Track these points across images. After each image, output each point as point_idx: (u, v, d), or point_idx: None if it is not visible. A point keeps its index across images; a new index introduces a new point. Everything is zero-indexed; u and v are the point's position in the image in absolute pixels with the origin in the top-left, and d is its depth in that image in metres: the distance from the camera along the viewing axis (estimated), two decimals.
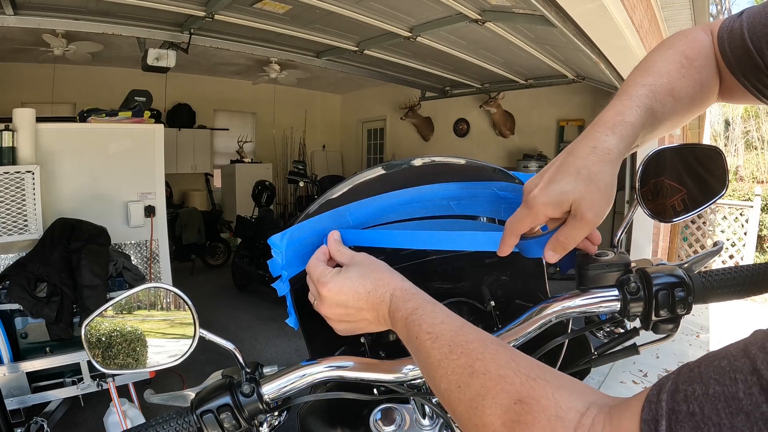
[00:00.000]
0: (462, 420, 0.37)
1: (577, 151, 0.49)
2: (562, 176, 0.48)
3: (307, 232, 0.62)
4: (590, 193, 0.47)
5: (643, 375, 3.22)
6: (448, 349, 0.39)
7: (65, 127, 3.07)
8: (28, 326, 2.34)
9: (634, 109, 0.50)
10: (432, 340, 0.41)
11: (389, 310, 0.48)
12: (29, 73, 5.64)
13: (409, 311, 0.45)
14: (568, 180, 0.48)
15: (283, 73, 5.95)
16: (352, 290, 0.50)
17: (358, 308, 0.50)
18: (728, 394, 0.23)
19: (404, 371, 0.55)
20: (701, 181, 0.62)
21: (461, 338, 0.40)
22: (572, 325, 0.66)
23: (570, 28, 2.99)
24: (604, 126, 0.50)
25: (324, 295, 0.51)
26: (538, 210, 0.49)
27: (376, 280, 0.50)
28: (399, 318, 0.46)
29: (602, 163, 0.47)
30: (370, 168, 0.67)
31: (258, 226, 5.14)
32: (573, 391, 0.32)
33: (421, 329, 0.43)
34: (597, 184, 0.47)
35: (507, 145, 6.73)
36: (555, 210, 0.48)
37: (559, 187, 0.48)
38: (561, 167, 0.49)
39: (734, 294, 0.59)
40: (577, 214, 0.48)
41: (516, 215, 0.52)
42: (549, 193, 0.48)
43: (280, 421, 0.58)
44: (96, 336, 0.54)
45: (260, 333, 4.08)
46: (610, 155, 0.48)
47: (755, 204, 5.66)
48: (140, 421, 2.11)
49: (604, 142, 0.48)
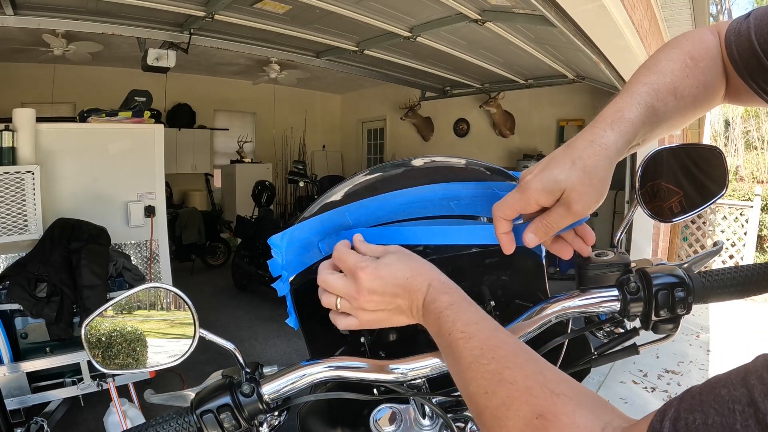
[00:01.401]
0: (485, 426, 0.38)
1: (575, 144, 0.49)
2: (557, 165, 0.48)
3: (307, 232, 0.62)
4: (582, 185, 0.47)
5: (643, 375, 3.22)
6: (479, 352, 0.40)
7: (65, 127, 3.07)
8: (28, 326, 2.34)
9: (635, 107, 0.50)
10: (465, 340, 0.41)
11: (425, 300, 0.47)
12: (29, 73, 5.64)
13: (445, 305, 0.45)
14: (563, 169, 0.48)
15: (283, 73, 5.95)
16: (391, 276, 0.50)
17: (394, 295, 0.50)
18: (726, 425, 0.23)
19: (404, 371, 0.55)
20: (701, 181, 0.62)
21: (493, 342, 0.40)
22: (572, 325, 0.66)
23: (570, 28, 2.99)
24: (604, 122, 0.50)
25: (362, 279, 0.50)
26: (530, 195, 0.49)
27: (414, 269, 0.50)
28: (433, 309, 0.46)
29: (598, 157, 0.48)
30: (369, 168, 0.67)
31: (258, 226, 5.15)
32: (592, 410, 0.33)
33: (455, 326, 0.43)
34: (591, 177, 0.47)
35: (507, 145, 6.73)
36: (547, 196, 0.49)
37: (552, 175, 0.48)
38: (557, 157, 0.49)
39: (734, 294, 0.59)
40: (566, 203, 0.48)
41: (507, 199, 0.52)
42: (543, 179, 0.49)
43: (280, 421, 0.58)
44: (96, 336, 0.54)
45: (260, 333, 4.09)
46: (607, 150, 0.48)
47: (755, 204, 5.66)
48: (140, 421, 2.12)
49: (602, 137, 0.49)
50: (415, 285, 0.49)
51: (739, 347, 3.85)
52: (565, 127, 6.08)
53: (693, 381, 3.17)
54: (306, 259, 0.63)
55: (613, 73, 3.94)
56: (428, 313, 0.46)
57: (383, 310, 0.51)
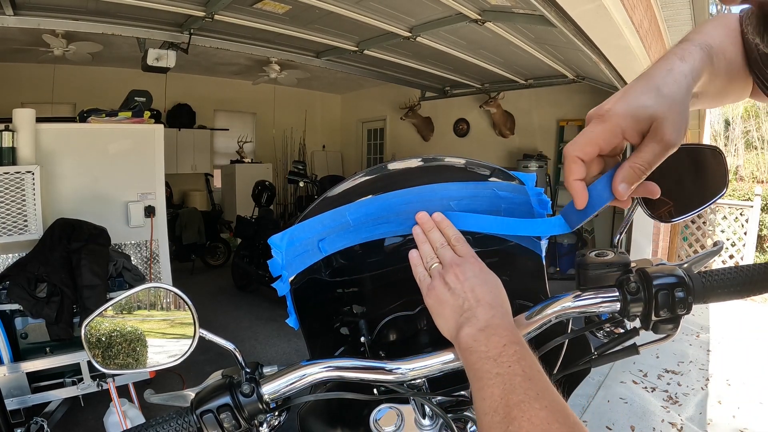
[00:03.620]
0: None
1: (653, 72, 0.46)
2: (642, 91, 0.45)
3: (307, 232, 0.62)
4: (672, 112, 0.44)
5: (643, 375, 3.22)
6: (534, 395, 0.40)
7: (65, 128, 3.06)
8: (28, 326, 2.34)
9: (697, 49, 0.48)
10: (523, 378, 0.41)
11: (492, 325, 0.47)
12: (29, 73, 5.64)
13: (514, 340, 0.46)
14: (649, 96, 0.44)
15: (283, 73, 5.96)
16: (488, 283, 0.51)
17: (475, 295, 0.50)
18: None
19: (404, 371, 0.55)
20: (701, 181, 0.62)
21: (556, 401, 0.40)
22: (572, 325, 0.66)
23: (570, 28, 2.99)
24: (674, 56, 0.47)
25: (468, 263, 0.52)
26: (615, 122, 0.45)
27: (504, 301, 0.52)
28: (495, 339, 0.45)
29: (680, 85, 0.45)
30: (369, 168, 0.67)
31: (258, 226, 5.15)
32: None
33: (519, 363, 0.43)
34: (678, 104, 0.44)
35: (507, 145, 6.73)
36: (635, 125, 0.45)
37: (639, 101, 0.44)
38: (636, 86, 0.46)
39: (734, 294, 0.59)
40: (657, 133, 0.44)
41: (584, 134, 0.47)
42: (629, 105, 0.45)
43: (280, 421, 0.58)
44: (96, 336, 0.54)
45: (260, 333, 4.09)
46: (686, 79, 0.45)
47: (755, 204, 5.66)
48: (140, 421, 2.12)
49: (679, 66, 0.46)
50: (499, 309, 0.49)
51: (739, 347, 3.85)
52: (565, 127, 6.08)
53: (693, 381, 3.19)
54: (306, 259, 0.63)
55: (613, 73, 3.93)
56: (488, 338, 0.46)
57: (449, 301, 0.51)
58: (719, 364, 3.51)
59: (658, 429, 2.62)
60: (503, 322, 0.47)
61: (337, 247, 0.63)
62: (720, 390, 3.13)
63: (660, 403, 2.88)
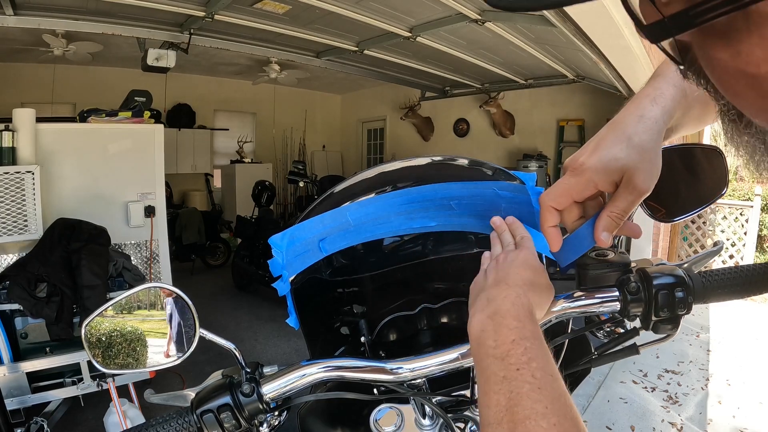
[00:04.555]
0: None
1: (623, 120, 0.48)
2: (612, 143, 0.46)
3: (307, 232, 0.62)
4: (643, 162, 0.45)
5: (643, 375, 3.22)
6: (542, 410, 0.37)
7: (65, 128, 3.07)
8: (28, 326, 2.34)
9: (670, 86, 0.49)
10: (532, 386, 0.39)
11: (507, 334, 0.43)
12: (29, 73, 5.64)
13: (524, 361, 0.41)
14: (621, 147, 0.46)
15: (283, 73, 5.95)
16: (524, 264, 0.48)
17: (513, 284, 0.47)
18: None
19: (404, 371, 0.55)
20: (701, 181, 0.62)
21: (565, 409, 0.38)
22: (572, 325, 0.66)
23: (570, 28, 2.99)
24: (646, 98, 0.49)
25: (529, 248, 0.51)
26: (588, 177, 0.47)
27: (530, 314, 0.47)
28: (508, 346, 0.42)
29: (651, 131, 0.46)
30: (369, 168, 0.67)
31: (258, 226, 5.15)
32: None
33: (530, 365, 0.40)
34: (648, 152, 0.45)
35: (507, 145, 6.73)
36: (605, 178, 0.46)
37: (611, 154, 0.46)
38: (608, 136, 0.47)
39: (734, 294, 0.59)
40: (629, 183, 0.46)
41: (558, 186, 0.49)
42: (601, 159, 0.46)
43: (280, 421, 0.58)
44: (96, 336, 0.54)
45: (260, 333, 4.08)
46: (657, 125, 0.47)
47: (755, 204, 5.65)
48: (140, 421, 2.11)
49: (649, 111, 0.47)
50: (515, 290, 0.46)
51: (739, 347, 3.85)
52: (565, 127, 6.08)
53: (693, 381, 3.19)
54: (307, 258, 0.63)
55: (613, 73, 3.93)
56: (496, 329, 0.43)
57: (478, 282, 0.50)
58: (719, 364, 3.51)
59: (658, 429, 2.62)
60: (513, 309, 0.44)
61: (337, 246, 0.63)
62: (720, 390, 3.13)
63: (660, 403, 2.88)
